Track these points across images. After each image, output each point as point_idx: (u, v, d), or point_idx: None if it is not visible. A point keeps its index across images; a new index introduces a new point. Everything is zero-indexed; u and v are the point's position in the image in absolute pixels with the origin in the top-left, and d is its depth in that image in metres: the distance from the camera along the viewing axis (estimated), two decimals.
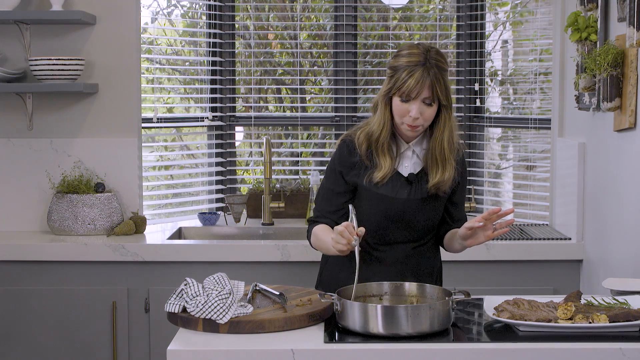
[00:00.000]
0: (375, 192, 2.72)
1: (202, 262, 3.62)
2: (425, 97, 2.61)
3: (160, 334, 3.62)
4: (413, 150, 2.75)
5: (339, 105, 4.51)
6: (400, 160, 2.75)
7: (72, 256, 3.62)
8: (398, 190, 2.72)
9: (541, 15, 4.16)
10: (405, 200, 2.72)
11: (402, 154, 2.75)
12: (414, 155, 2.75)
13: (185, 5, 4.50)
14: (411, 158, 2.75)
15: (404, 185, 2.73)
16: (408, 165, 2.75)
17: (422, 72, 2.59)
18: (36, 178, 3.92)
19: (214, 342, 2.25)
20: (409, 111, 2.63)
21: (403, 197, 2.71)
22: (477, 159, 4.41)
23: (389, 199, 2.72)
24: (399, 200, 2.71)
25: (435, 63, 2.61)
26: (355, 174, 2.74)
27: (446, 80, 2.64)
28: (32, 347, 3.65)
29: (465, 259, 3.53)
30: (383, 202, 2.72)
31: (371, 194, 2.73)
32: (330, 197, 2.79)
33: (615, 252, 3.25)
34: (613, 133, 3.20)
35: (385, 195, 2.72)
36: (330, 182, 2.80)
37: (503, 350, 2.21)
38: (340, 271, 2.81)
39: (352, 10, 4.46)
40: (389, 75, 2.66)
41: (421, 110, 2.62)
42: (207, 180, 4.46)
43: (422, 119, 2.64)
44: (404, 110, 2.64)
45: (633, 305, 2.42)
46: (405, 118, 2.65)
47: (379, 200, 2.72)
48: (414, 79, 2.58)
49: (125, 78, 3.93)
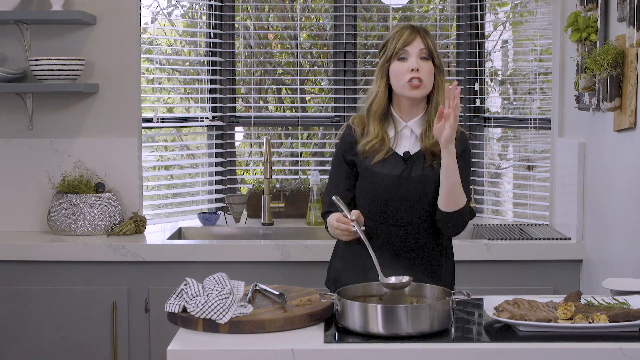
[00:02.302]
0: (370, 170, 2.75)
1: (202, 262, 3.62)
2: (420, 49, 2.70)
3: (160, 334, 3.62)
4: (411, 129, 2.76)
5: (339, 105, 4.51)
6: (399, 140, 2.77)
7: (72, 256, 3.63)
8: (393, 168, 2.74)
9: (541, 15, 4.16)
10: (399, 177, 2.72)
11: (400, 133, 2.76)
12: (413, 135, 2.76)
13: (185, 5, 4.51)
14: (409, 138, 2.77)
15: (400, 163, 2.74)
16: (407, 145, 2.76)
17: (411, 30, 2.74)
18: (36, 178, 3.92)
19: (214, 342, 2.25)
20: (408, 67, 2.69)
21: (397, 174, 2.72)
22: (477, 159, 4.41)
23: (383, 176, 2.73)
24: (393, 176, 2.72)
25: (421, 27, 2.76)
26: (354, 154, 2.79)
27: (435, 43, 2.75)
28: (32, 347, 3.65)
29: (465, 259, 3.53)
30: (378, 180, 2.74)
31: (367, 171, 2.76)
32: (337, 183, 2.83)
33: (615, 252, 3.25)
34: (613, 133, 3.20)
35: (380, 173, 2.74)
36: (335, 168, 2.85)
37: (503, 350, 2.21)
38: (343, 270, 2.83)
39: (352, 10, 4.46)
40: (381, 51, 2.78)
41: (419, 64, 2.70)
42: (207, 180, 4.46)
43: (423, 73, 2.69)
44: (403, 68, 2.70)
45: (633, 305, 2.42)
46: (405, 76, 2.70)
47: (374, 177, 2.75)
48: (405, 35, 2.72)
49: (125, 78, 3.93)
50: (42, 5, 3.86)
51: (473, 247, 3.64)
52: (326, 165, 4.50)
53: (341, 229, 2.64)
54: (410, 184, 2.73)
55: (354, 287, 2.48)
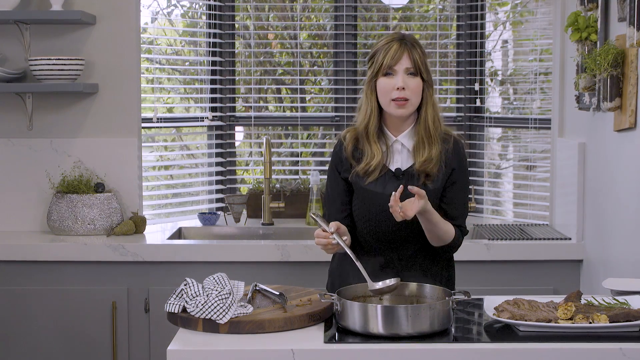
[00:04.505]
0: (364, 188, 2.72)
1: (202, 262, 3.62)
2: (406, 67, 2.66)
3: (160, 334, 3.62)
4: (402, 144, 2.73)
5: (339, 105, 4.51)
6: (391, 155, 2.74)
7: (72, 256, 3.62)
8: (386, 185, 2.71)
9: (541, 15, 4.16)
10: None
11: (391, 147, 2.74)
12: (404, 149, 2.74)
13: (185, 5, 4.50)
14: (401, 152, 2.74)
15: (392, 180, 2.71)
16: (399, 160, 2.74)
17: (399, 44, 2.68)
18: (36, 178, 3.92)
19: (214, 342, 2.25)
20: (394, 85, 2.66)
21: (390, 193, 2.68)
22: (477, 159, 4.41)
23: (377, 194, 2.71)
24: (386, 195, 2.68)
25: (410, 39, 2.71)
26: (346, 170, 2.77)
27: (424, 56, 2.70)
28: (32, 347, 3.65)
29: (465, 259, 3.53)
30: (372, 198, 2.72)
31: (361, 190, 2.74)
32: (334, 198, 2.80)
33: (615, 252, 3.24)
34: (613, 133, 3.20)
35: (374, 191, 2.71)
36: (331, 182, 2.82)
37: (503, 350, 2.21)
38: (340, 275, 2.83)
39: (352, 10, 4.46)
40: (369, 63, 2.74)
41: (405, 82, 2.66)
42: (207, 180, 4.46)
43: (409, 91, 2.66)
44: (389, 85, 2.67)
45: (633, 305, 2.42)
46: (392, 93, 2.66)
47: (368, 196, 2.72)
48: (392, 50, 2.67)
49: (125, 78, 3.93)
50: (41, 5, 3.86)
51: (473, 247, 3.64)
52: (326, 165, 4.50)
53: (321, 244, 2.59)
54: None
55: (354, 287, 2.49)
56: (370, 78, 2.72)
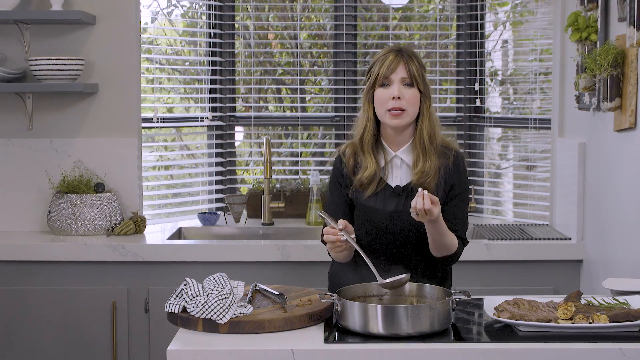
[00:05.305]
0: (363, 205, 2.71)
1: (202, 262, 3.62)
2: (402, 77, 2.66)
3: (160, 334, 3.62)
4: (401, 159, 2.72)
5: (339, 105, 4.51)
6: (390, 170, 2.73)
7: (72, 256, 3.62)
8: (386, 202, 2.70)
9: (541, 15, 4.16)
10: (392, 213, 2.69)
11: (390, 162, 2.72)
12: (403, 164, 2.72)
13: (185, 5, 4.50)
14: (400, 167, 2.72)
15: (392, 197, 2.70)
16: (398, 175, 2.72)
17: (395, 55, 2.69)
18: (36, 178, 3.92)
19: (214, 342, 2.25)
20: (390, 94, 2.65)
21: (390, 210, 2.69)
22: (477, 159, 4.41)
23: (377, 211, 2.70)
24: (387, 212, 2.68)
25: (407, 51, 2.71)
26: (346, 186, 2.76)
27: (421, 67, 2.70)
28: (32, 347, 3.65)
29: (465, 259, 3.52)
30: (372, 214, 2.71)
31: (361, 206, 2.73)
32: (335, 210, 2.77)
33: (615, 252, 3.24)
34: (613, 133, 3.20)
35: (374, 208, 2.70)
36: (332, 194, 2.81)
37: (503, 350, 2.21)
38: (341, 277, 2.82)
39: (352, 10, 4.46)
40: (367, 75, 2.74)
41: (401, 92, 2.65)
42: (207, 180, 4.46)
43: (405, 101, 2.65)
44: (386, 96, 2.66)
45: (633, 305, 2.42)
46: (388, 103, 2.66)
47: (368, 212, 2.71)
48: (388, 60, 2.68)
49: (125, 78, 3.93)
50: (41, 5, 3.86)
51: (473, 247, 3.64)
52: (326, 165, 4.50)
53: (330, 240, 2.56)
54: (402, 221, 2.68)
55: (354, 287, 2.49)
56: (367, 89, 2.72)
